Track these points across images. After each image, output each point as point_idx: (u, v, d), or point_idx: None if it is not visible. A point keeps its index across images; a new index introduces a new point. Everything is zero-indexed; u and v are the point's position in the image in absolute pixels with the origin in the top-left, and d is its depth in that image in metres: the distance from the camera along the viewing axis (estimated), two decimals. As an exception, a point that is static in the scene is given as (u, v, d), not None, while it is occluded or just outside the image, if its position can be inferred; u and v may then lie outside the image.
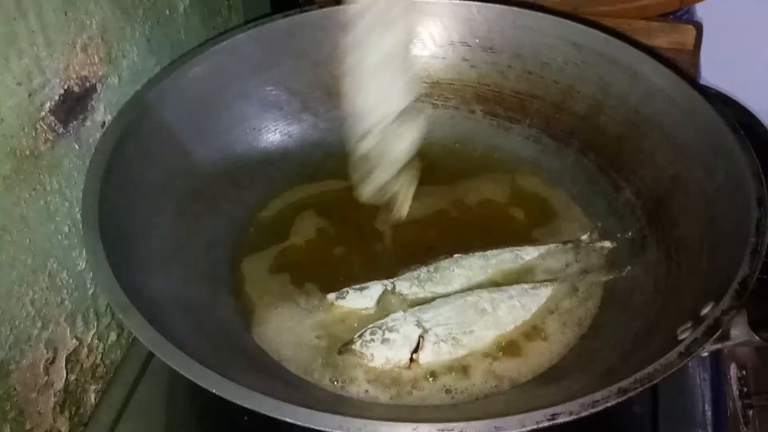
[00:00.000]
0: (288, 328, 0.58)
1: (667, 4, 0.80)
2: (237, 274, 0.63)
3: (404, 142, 0.63)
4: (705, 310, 0.49)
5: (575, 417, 0.43)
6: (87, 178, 0.56)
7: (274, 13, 0.71)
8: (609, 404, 0.43)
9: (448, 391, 0.54)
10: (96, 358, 0.61)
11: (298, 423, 0.42)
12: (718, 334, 0.46)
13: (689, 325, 0.48)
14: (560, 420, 0.42)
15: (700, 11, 0.92)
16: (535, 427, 0.42)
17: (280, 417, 0.42)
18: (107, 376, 0.63)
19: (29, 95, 0.51)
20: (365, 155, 0.62)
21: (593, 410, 0.43)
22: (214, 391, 0.43)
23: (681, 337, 0.48)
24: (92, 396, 0.61)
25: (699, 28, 0.81)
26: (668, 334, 0.50)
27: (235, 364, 0.53)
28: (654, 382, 0.44)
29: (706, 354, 0.47)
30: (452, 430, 0.42)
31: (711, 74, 0.87)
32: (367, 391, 0.54)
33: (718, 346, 0.47)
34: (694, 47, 0.80)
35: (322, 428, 0.42)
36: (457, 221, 0.68)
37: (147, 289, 0.52)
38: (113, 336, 0.63)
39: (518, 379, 0.55)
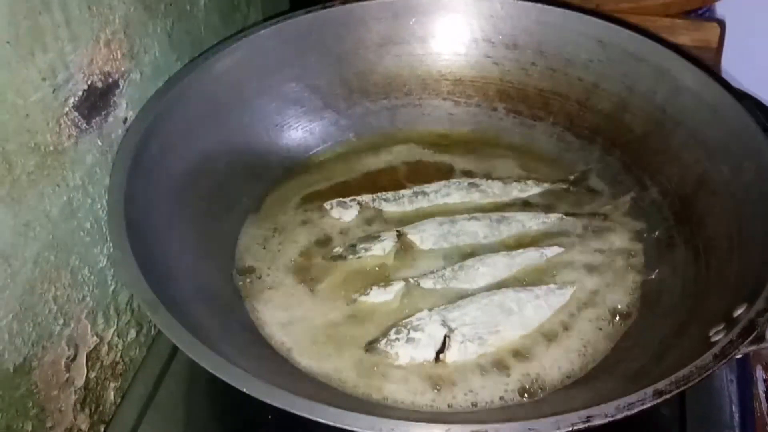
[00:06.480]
0: (312, 326, 0.58)
1: (690, 2, 0.79)
2: (260, 269, 0.62)
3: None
4: (738, 312, 0.48)
5: (610, 419, 0.42)
6: (112, 175, 0.55)
7: (293, 10, 0.71)
8: (645, 407, 0.42)
9: (476, 392, 0.53)
10: (116, 355, 0.61)
11: (330, 423, 0.41)
12: (753, 335, 0.46)
13: (722, 326, 0.48)
14: (595, 422, 0.42)
15: (720, 9, 0.91)
16: (570, 429, 0.41)
17: (312, 417, 0.41)
18: (126, 374, 0.62)
19: (53, 90, 0.51)
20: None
21: (629, 413, 0.42)
22: (244, 390, 0.43)
23: (714, 339, 0.47)
24: (112, 393, 0.61)
25: (722, 25, 0.80)
26: (700, 335, 0.49)
27: (260, 361, 0.53)
28: (690, 384, 0.43)
29: (740, 356, 0.46)
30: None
31: (730, 72, 0.86)
32: (394, 391, 0.53)
33: (753, 348, 0.46)
34: (718, 45, 0.79)
35: (354, 429, 0.41)
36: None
37: (173, 285, 0.52)
38: (132, 333, 0.63)
39: (546, 380, 0.54)
